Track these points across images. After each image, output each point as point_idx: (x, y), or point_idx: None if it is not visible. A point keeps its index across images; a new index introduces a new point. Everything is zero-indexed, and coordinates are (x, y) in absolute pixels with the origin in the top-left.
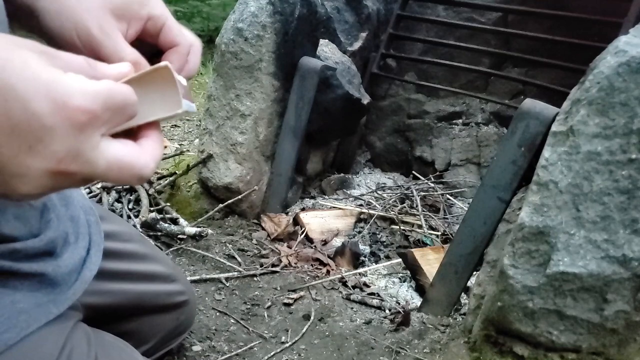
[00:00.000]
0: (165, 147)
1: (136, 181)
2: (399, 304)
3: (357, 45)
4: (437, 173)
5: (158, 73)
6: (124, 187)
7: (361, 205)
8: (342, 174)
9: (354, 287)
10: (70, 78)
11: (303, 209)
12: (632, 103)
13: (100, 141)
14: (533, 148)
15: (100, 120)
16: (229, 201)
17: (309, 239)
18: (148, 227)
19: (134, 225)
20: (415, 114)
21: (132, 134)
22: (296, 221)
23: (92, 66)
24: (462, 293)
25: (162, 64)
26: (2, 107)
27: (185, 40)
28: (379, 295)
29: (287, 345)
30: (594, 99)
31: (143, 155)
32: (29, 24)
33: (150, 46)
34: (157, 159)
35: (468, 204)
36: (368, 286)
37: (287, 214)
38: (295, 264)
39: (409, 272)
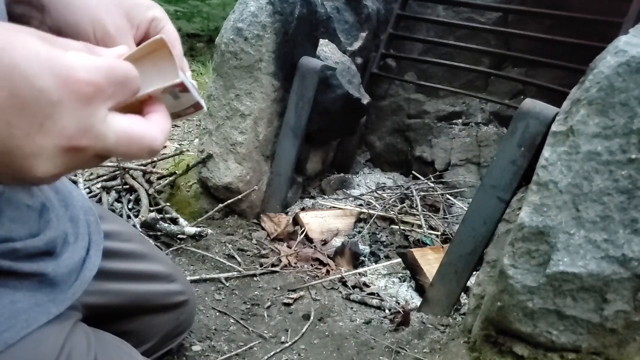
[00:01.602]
0: (165, 147)
1: (147, 154)
2: (399, 303)
3: (357, 45)
4: (437, 173)
5: (154, 47)
6: (124, 186)
7: (361, 205)
8: (342, 174)
9: (353, 287)
10: (72, 54)
11: (303, 209)
12: (632, 103)
13: (108, 115)
14: (533, 148)
15: (106, 93)
16: (229, 201)
17: (308, 239)
18: (148, 227)
19: (134, 225)
20: (415, 114)
21: (138, 112)
22: (296, 221)
23: (90, 49)
24: (462, 293)
25: (156, 37)
26: (9, 86)
27: (178, 43)
28: (378, 295)
29: (286, 345)
30: (593, 98)
31: (152, 128)
32: (26, 18)
33: None
34: (165, 132)
35: (468, 204)
36: (368, 286)
37: (287, 213)
38: (295, 263)
39: (408, 272)
